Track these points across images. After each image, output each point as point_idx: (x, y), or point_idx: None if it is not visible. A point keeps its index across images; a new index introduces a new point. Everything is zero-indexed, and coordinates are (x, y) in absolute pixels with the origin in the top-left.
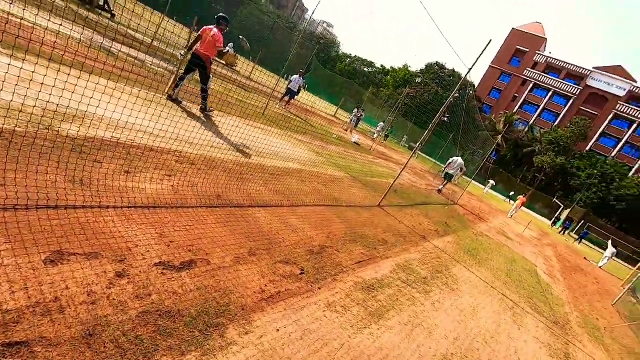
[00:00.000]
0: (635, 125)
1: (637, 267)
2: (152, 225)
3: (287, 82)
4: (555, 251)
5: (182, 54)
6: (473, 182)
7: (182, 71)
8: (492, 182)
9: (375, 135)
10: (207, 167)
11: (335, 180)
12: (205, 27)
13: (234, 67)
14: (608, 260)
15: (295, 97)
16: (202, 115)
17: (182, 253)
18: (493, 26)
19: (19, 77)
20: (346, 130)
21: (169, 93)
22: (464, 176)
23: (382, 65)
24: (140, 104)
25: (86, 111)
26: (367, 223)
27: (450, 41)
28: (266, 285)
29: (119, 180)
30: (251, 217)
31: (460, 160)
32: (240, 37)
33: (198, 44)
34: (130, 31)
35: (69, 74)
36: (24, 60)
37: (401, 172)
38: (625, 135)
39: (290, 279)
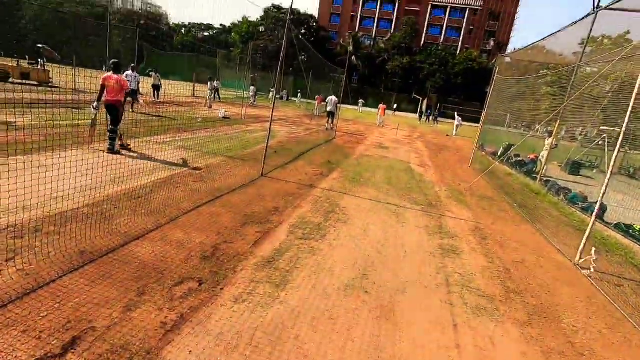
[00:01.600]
0: (448, 10)
1: (479, 127)
2: (8, 327)
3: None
4: (424, 141)
5: (95, 106)
6: (344, 106)
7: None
8: (361, 101)
9: (252, 101)
10: (58, 226)
11: (212, 168)
12: (104, 76)
13: (50, 84)
14: (457, 128)
15: (139, 95)
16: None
17: (60, 336)
18: None
19: None
20: (210, 107)
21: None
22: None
23: (221, 25)
24: None
25: None
26: (254, 199)
27: None
28: (166, 317)
29: None
30: (129, 256)
31: (334, 97)
32: (39, 45)
33: (105, 93)
34: None
35: None
36: None
37: (269, 133)
38: (444, 22)
39: (191, 296)
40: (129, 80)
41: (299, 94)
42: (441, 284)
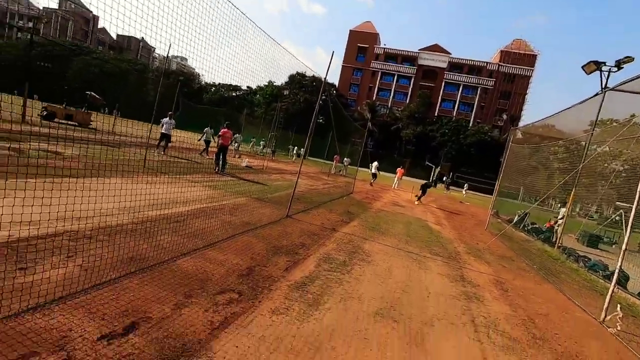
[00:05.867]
0: (461, 88)
1: (493, 195)
2: (77, 309)
3: (159, 127)
4: (438, 204)
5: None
6: (360, 169)
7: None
8: (375, 163)
9: (262, 148)
10: (107, 236)
11: (240, 206)
12: (223, 130)
13: (90, 126)
14: (465, 193)
15: (171, 140)
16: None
17: (120, 320)
18: (335, 31)
19: None
20: (234, 157)
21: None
22: (349, 166)
23: (248, 87)
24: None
25: None
26: (282, 235)
27: (302, 53)
28: (212, 317)
29: (18, 278)
30: (174, 267)
31: (348, 159)
32: (88, 92)
33: (220, 140)
34: None
35: None
36: None
37: (297, 180)
38: (457, 97)
39: (232, 304)
40: (163, 125)
41: (299, 149)
42: (467, 323)
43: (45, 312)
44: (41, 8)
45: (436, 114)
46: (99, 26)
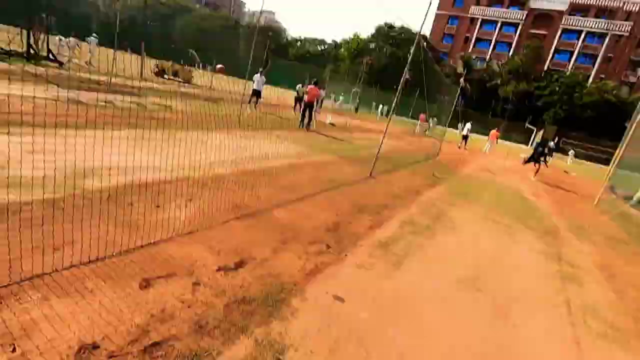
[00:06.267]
0: (583, 35)
1: (611, 166)
2: (199, 243)
3: (252, 84)
4: (538, 173)
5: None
6: (449, 129)
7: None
8: (468, 125)
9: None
10: (216, 185)
11: (326, 164)
12: (309, 87)
13: (191, 82)
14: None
15: (261, 95)
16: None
17: (231, 256)
18: None
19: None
20: (318, 113)
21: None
22: (437, 126)
23: (333, 40)
24: (132, 145)
25: (94, 165)
26: (366, 194)
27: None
28: (304, 264)
29: (156, 215)
30: (270, 216)
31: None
32: (190, 50)
33: (305, 96)
34: (84, 75)
35: (64, 135)
36: (7, 133)
37: (382, 141)
38: (576, 47)
39: (321, 255)
40: (254, 81)
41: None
42: (560, 305)
43: (177, 243)
44: None
45: (546, 68)
46: None
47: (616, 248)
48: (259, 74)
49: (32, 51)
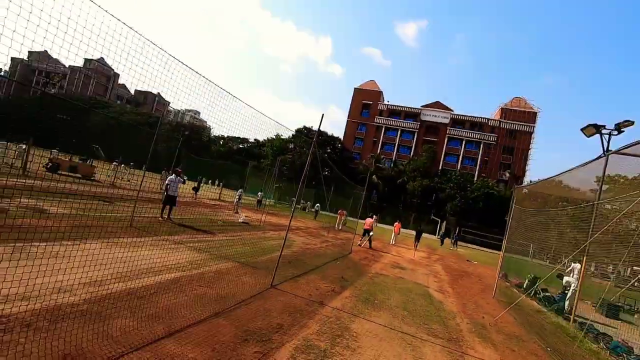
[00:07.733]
0: (464, 143)
1: (500, 254)
2: None
3: (162, 184)
4: (443, 264)
5: None
6: (360, 221)
7: None
8: (375, 217)
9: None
10: (50, 322)
11: (221, 274)
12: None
13: (93, 178)
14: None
15: (176, 201)
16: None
17: None
18: (341, 87)
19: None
20: (235, 212)
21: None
22: (348, 218)
23: (255, 139)
24: None
25: None
26: (258, 313)
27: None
28: None
29: None
30: None
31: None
32: (94, 145)
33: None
34: None
35: None
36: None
37: (284, 242)
38: (460, 152)
39: None
40: (168, 185)
41: (318, 205)
42: None
43: None
44: (67, 66)
45: (440, 167)
46: (119, 82)
47: (515, 349)
48: (173, 175)
49: None
